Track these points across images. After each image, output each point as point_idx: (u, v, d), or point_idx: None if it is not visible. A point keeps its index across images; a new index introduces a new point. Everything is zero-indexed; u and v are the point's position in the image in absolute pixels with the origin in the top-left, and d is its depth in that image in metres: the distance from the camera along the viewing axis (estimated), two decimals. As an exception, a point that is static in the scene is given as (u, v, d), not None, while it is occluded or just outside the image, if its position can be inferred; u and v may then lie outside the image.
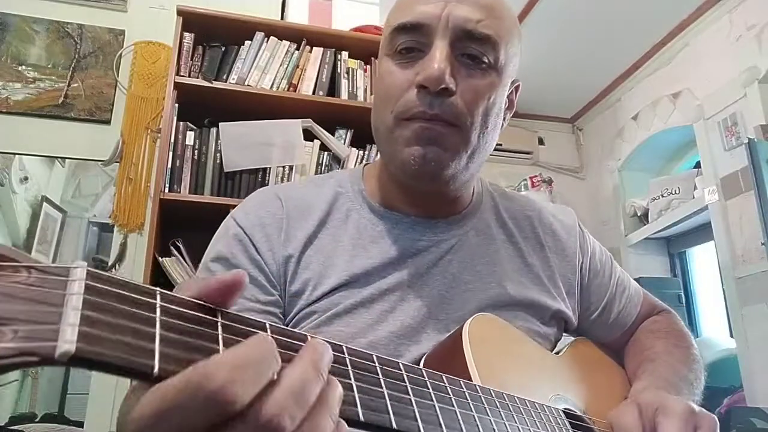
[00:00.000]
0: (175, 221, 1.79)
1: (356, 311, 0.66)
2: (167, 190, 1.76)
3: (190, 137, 1.83)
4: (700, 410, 0.61)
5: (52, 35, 2.18)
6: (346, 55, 2.02)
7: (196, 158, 1.83)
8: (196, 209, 1.77)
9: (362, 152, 1.95)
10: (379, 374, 0.39)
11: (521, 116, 3.61)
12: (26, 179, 2.11)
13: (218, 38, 1.93)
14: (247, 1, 2.22)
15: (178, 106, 1.83)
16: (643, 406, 0.62)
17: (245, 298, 0.65)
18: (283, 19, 2.23)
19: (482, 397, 0.48)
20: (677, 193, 2.85)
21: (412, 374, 0.42)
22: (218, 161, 1.83)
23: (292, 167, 1.87)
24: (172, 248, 1.76)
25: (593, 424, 0.65)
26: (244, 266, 0.67)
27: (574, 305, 0.79)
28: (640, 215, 3.17)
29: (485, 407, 0.47)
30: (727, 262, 2.46)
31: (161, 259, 1.72)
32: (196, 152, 1.83)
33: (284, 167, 1.87)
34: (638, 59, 3.10)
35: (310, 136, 1.92)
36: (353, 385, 0.36)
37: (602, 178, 3.51)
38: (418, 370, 0.43)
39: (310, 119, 1.91)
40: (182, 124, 1.83)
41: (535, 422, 0.53)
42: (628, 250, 3.19)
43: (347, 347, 0.38)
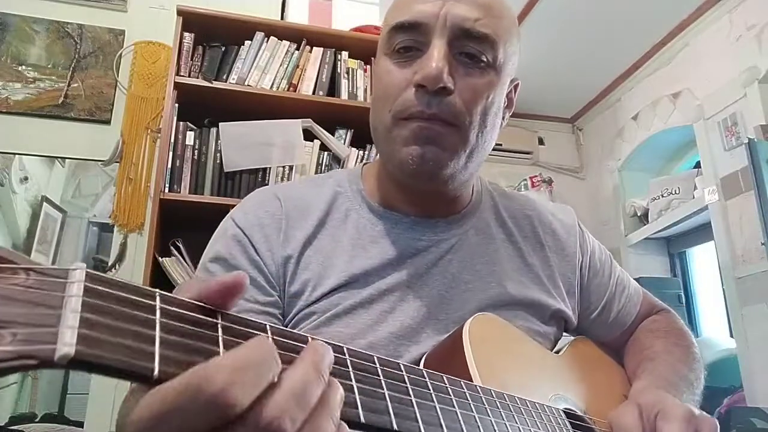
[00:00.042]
0: (175, 221, 1.79)
1: (356, 312, 0.66)
2: (167, 190, 1.76)
3: (190, 137, 1.83)
4: (700, 413, 0.61)
5: (52, 35, 2.18)
6: (346, 55, 2.02)
7: (196, 158, 1.82)
8: (196, 209, 1.77)
9: (362, 152, 1.95)
10: (380, 375, 0.39)
11: (521, 116, 3.61)
12: (26, 179, 2.10)
13: (218, 38, 1.92)
14: (247, 1, 2.21)
15: (178, 106, 1.83)
16: (643, 406, 0.62)
17: (244, 299, 0.65)
18: (283, 19, 2.23)
19: (483, 397, 0.48)
20: (677, 193, 2.85)
21: (412, 375, 0.42)
22: (218, 161, 1.83)
23: (292, 167, 1.87)
24: (172, 248, 1.76)
25: (594, 424, 0.65)
26: (243, 267, 0.66)
27: (573, 305, 0.79)
28: (640, 215, 3.17)
29: (486, 408, 0.47)
30: (727, 262, 2.45)
31: (161, 259, 1.72)
32: (196, 152, 1.83)
33: (284, 167, 1.86)
34: (638, 59, 3.10)
35: (310, 136, 1.91)
36: (354, 386, 0.36)
37: (602, 178, 3.51)
38: (418, 370, 0.43)
39: (310, 119, 1.91)
40: (182, 124, 1.83)
41: (535, 422, 0.52)
42: (628, 250, 3.19)
43: (348, 348, 0.38)
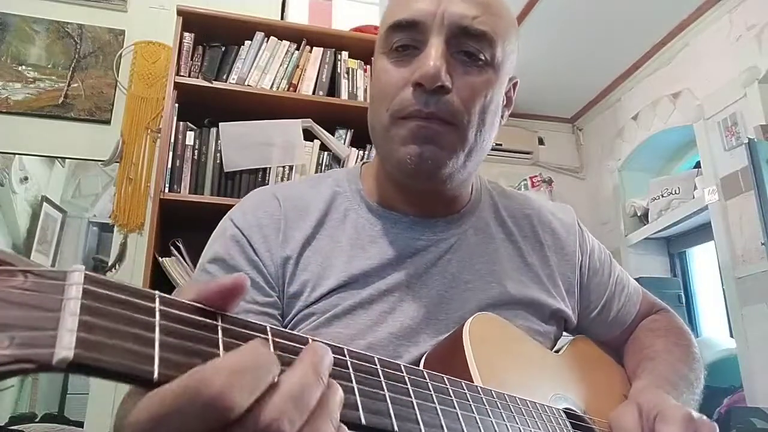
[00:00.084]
0: (175, 221, 1.78)
1: (355, 312, 0.66)
2: (167, 190, 1.75)
3: (190, 137, 1.83)
4: (699, 416, 0.61)
5: (52, 35, 2.18)
6: (346, 55, 2.01)
7: (196, 158, 1.82)
8: (196, 209, 1.77)
9: (362, 152, 1.95)
10: (380, 377, 0.38)
11: (521, 116, 3.61)
12: (26, 179, 2.10)
13: (218, 38, 1.92)
14: (247, 1, 2.21)
15: (178, 106, 1.83)
16: (643, 407, 0.62)
17: (243, 299, 0.65)
18: (283, 19, 2.23)
19: (484, 398, 0.47)
20: (677, 193, 2.85)
21: (413, 376, 0.42)
22: (218, 161, 1.82)
23: (292, 167, 1.86)
24: (172, 248, 1.76)
25: (594, 424, 0.65)
26: (241, 267, 0.66)
27: (573, 304, 0.79)
28: (640, 215, 3.17)
29: (487, 408, 0.47)
30: (727, 262, 2.45)
31: (161, 259, 1.72)
32: (196, 152, 1.83)
33: (284, 167, 1.86)
34: (638, 59, 3.10)
35: (310, 136, 1.91)
36: (355, 388, 0.36)
37: (602, 178, 3.51)
38: (419, 372, 0.43)
39: (310, 119, 1.90)
40: (182, 124, 1.82)
41: (536, 423, 0.52)
42: (628, 250, 3.19)
43: (349, 350, 0.38)
